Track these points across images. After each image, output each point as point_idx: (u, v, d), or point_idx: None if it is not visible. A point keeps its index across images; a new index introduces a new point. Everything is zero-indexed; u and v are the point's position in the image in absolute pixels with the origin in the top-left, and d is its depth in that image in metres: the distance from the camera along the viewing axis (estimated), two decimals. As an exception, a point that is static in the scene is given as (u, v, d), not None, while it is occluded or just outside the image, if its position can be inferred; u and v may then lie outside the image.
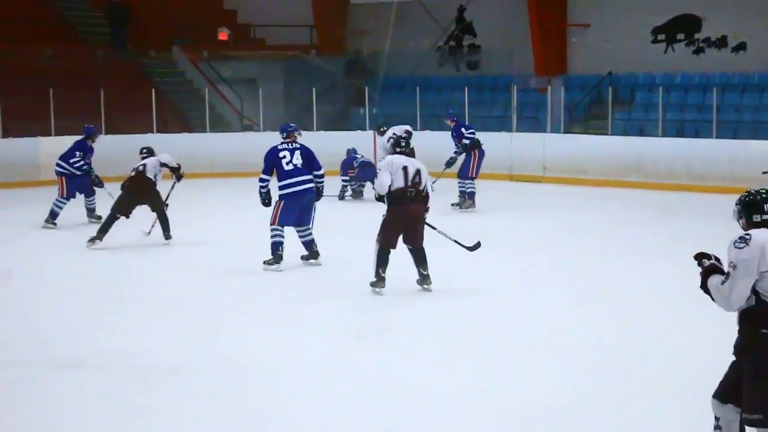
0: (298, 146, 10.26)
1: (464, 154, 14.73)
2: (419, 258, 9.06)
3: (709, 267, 4.49)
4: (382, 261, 8.91)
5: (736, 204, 4.56)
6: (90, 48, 22.93)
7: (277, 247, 10.06)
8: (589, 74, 20.76)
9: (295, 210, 10.11)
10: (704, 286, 4.48)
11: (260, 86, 22.09)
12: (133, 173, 12.10)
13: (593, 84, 20.47)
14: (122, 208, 11.80)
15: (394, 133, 16.07)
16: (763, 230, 4.39)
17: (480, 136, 14.95)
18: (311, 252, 10.34)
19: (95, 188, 13.70)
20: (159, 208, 12.00)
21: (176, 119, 21.64)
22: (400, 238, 9.01)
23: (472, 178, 14.69)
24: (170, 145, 16.59)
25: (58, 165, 13.59)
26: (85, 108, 19.29)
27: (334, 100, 23.11)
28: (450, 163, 15.07)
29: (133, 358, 7.01)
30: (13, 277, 10.14)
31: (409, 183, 8.91)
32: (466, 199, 14.61)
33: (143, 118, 20.13)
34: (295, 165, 10.06)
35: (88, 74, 21.37)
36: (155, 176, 12.11)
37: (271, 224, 10.10)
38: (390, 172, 8.94)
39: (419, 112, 20.45)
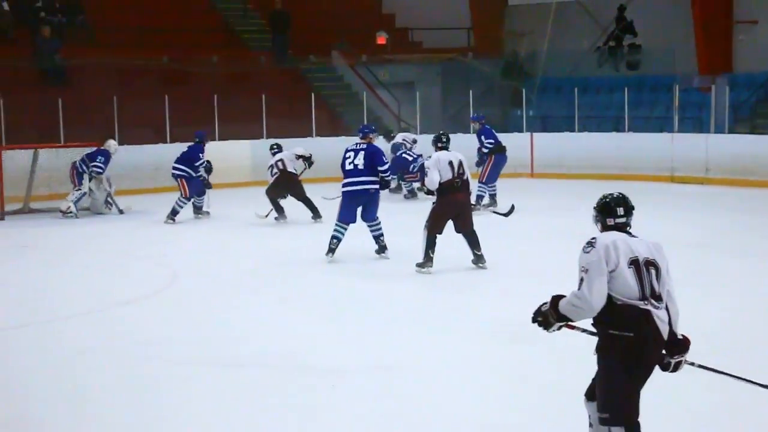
0: (365, 147, 10.82)
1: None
2: (473, 241, 10.08)
3: (551, 300, 4.65)
4: (430, 244, 9.93)
5: (593, 208, 4.79)
6: (253, 55, 23.49)
7: (331, 241, 10.65)
8: (756, 72, 20.06)
9: (353, 208, 10.71)
10: (557, 315, 4.61)
11: (417, 89, 22.22)
12: (277, 173, 13.67)
13: (760, 82, 19.78)
14: (277, 206, 13.76)
15: (404, 139, 16.68)
16: (608, 233, 4.65)
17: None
18: (380, 246, 10.91)
19: (205, 189, 14.61)
20: (304, 197, 13.65)
21: (334, 123, 21.94)
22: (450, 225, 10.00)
23: (484, 183, 14.75)
24: (328, 149, 16.89)
25: (176, 168, 14.40)
26: (247, 113, 19.81)
27: (490, 103, 22.98)
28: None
29: (298, 358, 7.08)
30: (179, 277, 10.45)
31: (455, 174, 9.98)
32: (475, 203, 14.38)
33: (302, 122, 20.54)
34: (355, 165, 10.65)
35: (251, 80, 21.92)
36: (295, 168, 13.80)
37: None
38: (438, 169, 9.98)
39: (577, 114, 20.18)
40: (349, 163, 10.69)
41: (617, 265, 4.50)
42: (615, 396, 4.49)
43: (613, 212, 4.71)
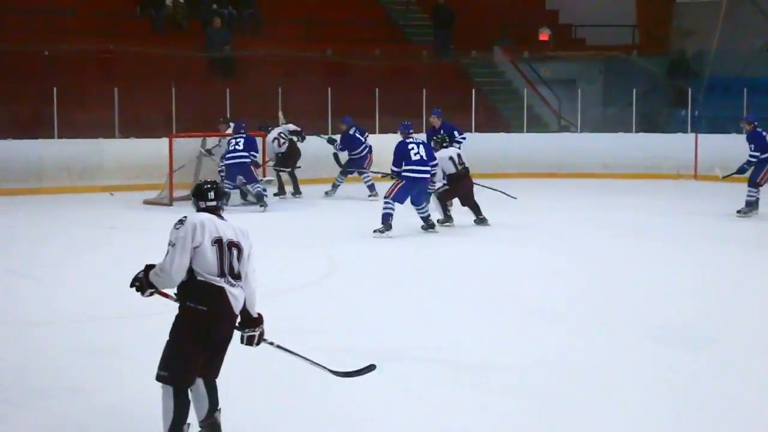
0: (422, 142, 12.72)
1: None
2: (475, 208, 13.05)
3: (145, 268, 5.07)
4: (444, 207, 13.00)
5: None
6: (415, 49, 23.69)
7: (387, 218, 12.11)
8: None
9: (412, 192, 12.26)
10: (147, 282, 5.04)
11: (579, 87, 22.01)
12: (285, 144, 16.46)
13: None
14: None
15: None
16: (198, 213, 5.05)
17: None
18: (429, 224, 12.57)
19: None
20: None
21: (494, 119, 21.94)
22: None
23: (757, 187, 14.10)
24: (486, 144, 16.97)
25: (243, 157, 14.85)
26: (407, 107, 20.00)
27: (654, 102, 22.62)
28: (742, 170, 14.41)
29: (445, 353, 7.11)
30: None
31: (458, 166, 12.82)
32: (750, 208, 13.99)
33: (462, 117, 20.58)
34: (421, 156, 12.19)
35: (412, 74, 22.15)
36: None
37: (385, 197, 12.23)
38: (442, 168, 12.65)
39: (746, 115, 19.63)
40: (415, 154, 12.17)
41: (201, 243, 4.90)
42: (176, 360, 4.89)
43: (205, 196, 5.15)
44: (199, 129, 16.87)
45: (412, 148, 12.23)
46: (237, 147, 14.81)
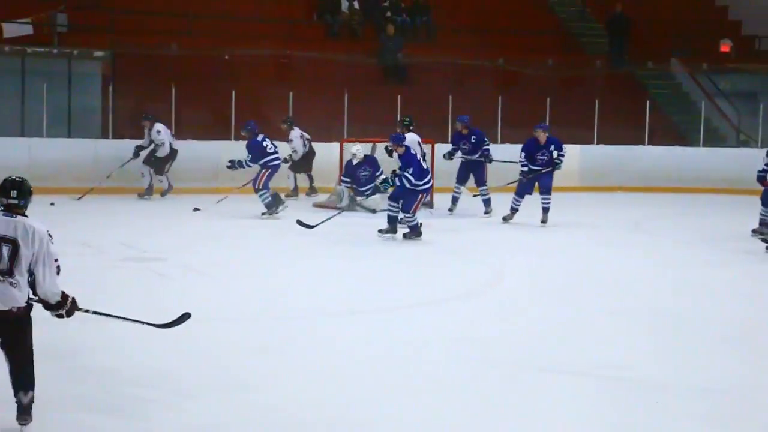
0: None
1: None
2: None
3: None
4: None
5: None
6: (589, 59, 23.45)
7: (394, 220, 12.73)
8: None
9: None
10: None
11: (761, 101, 21.41)
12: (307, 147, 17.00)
13: None
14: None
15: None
16: None
17: None
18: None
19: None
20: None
21: (668, 132, 21.54)
22: None
23: None
24: (661, 158, 16.72)
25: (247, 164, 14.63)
26: (578, 118, 19.85)
27: None
28: None
29: (618, 371, 6.93)
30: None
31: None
32: None
33: (635, 130, 20.35)
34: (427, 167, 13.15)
35: (585, 85, 21.93)
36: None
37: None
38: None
39: None
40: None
41: None
42: None
43: (6, 194, 5.23)
44: (371, 134, 17.15)
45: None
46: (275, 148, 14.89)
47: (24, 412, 5.23)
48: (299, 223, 12.50)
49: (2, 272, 5.15)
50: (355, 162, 15.26)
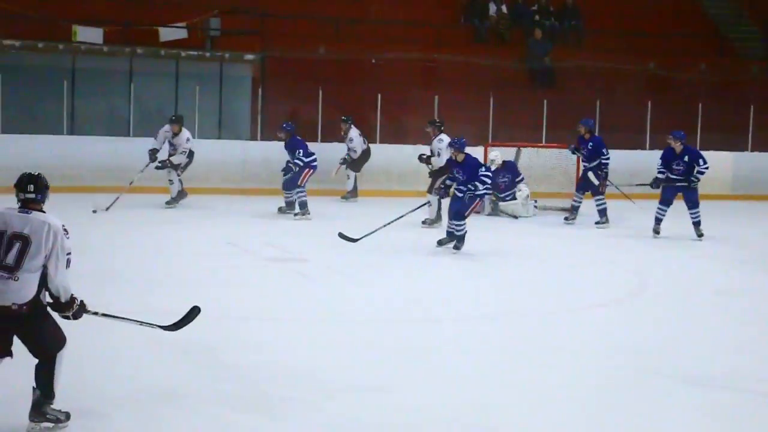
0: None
1: None
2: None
3: None
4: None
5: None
6: (744, 63, 22.89)
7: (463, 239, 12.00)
8: None
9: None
10: None
11: None
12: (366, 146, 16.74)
13: None
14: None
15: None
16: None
17: None
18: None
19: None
20: None
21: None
22: None
23: None
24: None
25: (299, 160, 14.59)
26: (731, 124, 19.38)
27: None
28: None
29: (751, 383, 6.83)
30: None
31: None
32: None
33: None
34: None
35: (739, 90, 21.32)
36: None
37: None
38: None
39: None
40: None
41: None
42: None
43: (24, 188, 5.27)
44: (516, 139, 17.07)
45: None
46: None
47: (33, 409, 5.23)
48: (341, 236, 11.69)
49: (7, 268, 5.11)
50: (493, 168, 15.06)
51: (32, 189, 5.30)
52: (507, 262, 11.78)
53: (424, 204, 13.49)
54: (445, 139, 13.88)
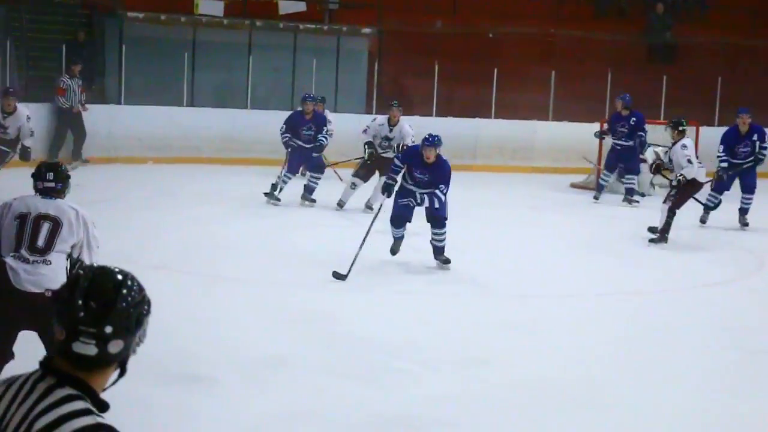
0: None
1: None
2: None
3: None
4: None
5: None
6: None
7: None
8: None
9: None
10: None
11: None
12: None
13: None
14: None
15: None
16: (21, 195, 5.08)
17: None
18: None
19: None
20: None
21: None
22: None
23: None
24: None
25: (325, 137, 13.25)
26: None
27: None
28: None
29: None
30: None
31: None
32: None
33: None
34: None
35: None
36: None
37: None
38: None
39: None
40: None
41: (3, 221, 4.90)
42: None
43: (42, 177, 5.07)
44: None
45: None
46: None
47: None
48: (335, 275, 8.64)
49: (39, 250, 4.86)
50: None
51: (51, 177, 5.11)
52: (611, 241, 11.53)
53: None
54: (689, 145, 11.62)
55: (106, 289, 2.28)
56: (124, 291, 2.29)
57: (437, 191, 8.92)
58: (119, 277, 2.32)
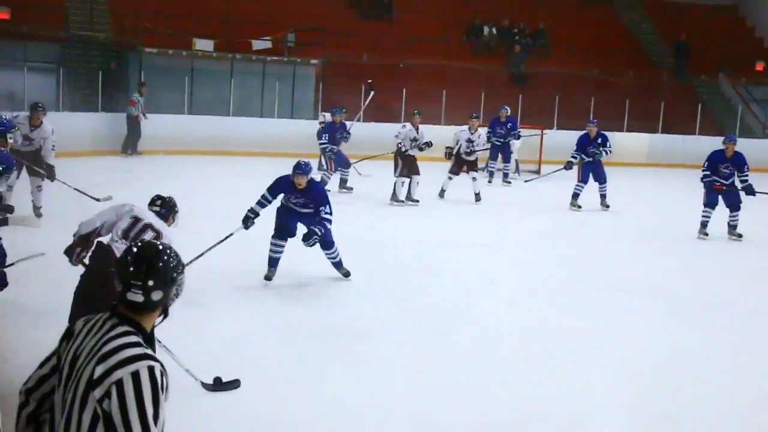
0: None
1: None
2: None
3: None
4: None
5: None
6: (658, 71, 22.55)
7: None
8: None
9: None
10: None
11: (784, 106, 20.25)
12: None
13: None
14: None
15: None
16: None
17: None
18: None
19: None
20: None
21: (712, 127, 20.48)
22: None
23: None
24: (707, 146, 15.92)
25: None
26: (649, 114, 19.22)
27: None
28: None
29: None
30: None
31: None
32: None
33: (689, 123, 19.57)
34: None
35: (654, 90, 21.02)
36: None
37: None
38: None
39: None
40: None
41: (122, 214, 4.64)
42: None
43: (152, 203, 4.80)
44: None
45: None
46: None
47: None
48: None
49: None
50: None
51: (159, 203, 4.82)
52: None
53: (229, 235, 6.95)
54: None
55: (149, 254, 2.31)
56: (164, 256, 2.32)
57: (324, 217, 6.54)
58: (160, 246, 2.36)
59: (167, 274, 2.29)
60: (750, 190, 9.76)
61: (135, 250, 2.30)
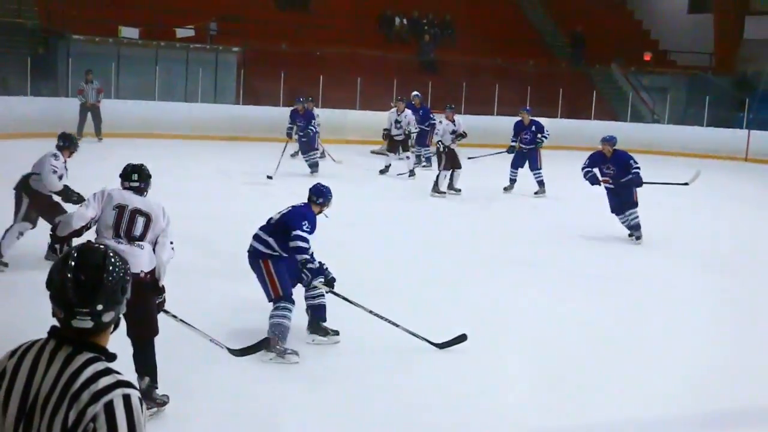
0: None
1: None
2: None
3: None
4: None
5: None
6: (557, 61, 23.57)
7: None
8: None
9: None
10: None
11: (668, 94, 21.81)
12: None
13: None
14: None
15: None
16: (116, 188, 4.29)
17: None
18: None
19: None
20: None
21: (607, 112, 21.60)
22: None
23: None
24: (599, 129, 17.20)
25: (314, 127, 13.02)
26: (548, 102, 20.12)
27: (722, 106, 22.02)
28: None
29: None
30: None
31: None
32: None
33: (585, 109, 20.76)
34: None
35: (553, 78, 21.87)
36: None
37: None
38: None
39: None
40: None
41: (105, 208, 4.13)
42: None
43: (128, 178, 4.29)
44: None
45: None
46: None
47: (144, 397, 3.22)
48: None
49: (135, 239, 4.10)
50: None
51: (136, 178, 4.28)
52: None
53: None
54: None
55: (90, 272, 1.85)
56: (109, 267, 1.88)
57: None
58: (100, 257, 1.90)
59: (116, 291, 1.87)
60: (637, 181, 8.87)
61: (73, 266, 1.84)
